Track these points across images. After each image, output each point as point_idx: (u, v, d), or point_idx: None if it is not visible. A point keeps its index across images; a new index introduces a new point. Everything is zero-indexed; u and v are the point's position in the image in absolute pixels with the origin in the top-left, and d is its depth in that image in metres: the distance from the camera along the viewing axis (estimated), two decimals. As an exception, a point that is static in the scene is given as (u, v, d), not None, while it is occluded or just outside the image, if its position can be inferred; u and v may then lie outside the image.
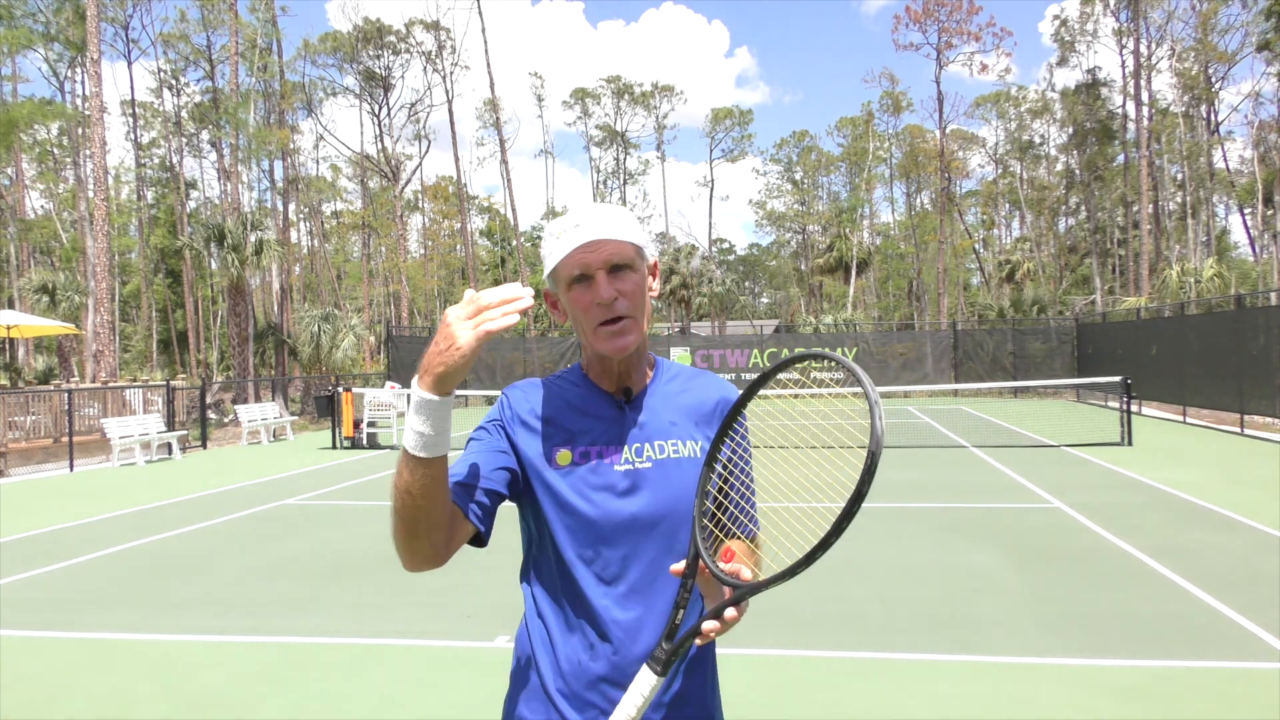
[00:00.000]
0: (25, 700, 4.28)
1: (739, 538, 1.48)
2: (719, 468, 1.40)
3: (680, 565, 1.29)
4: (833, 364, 1.21)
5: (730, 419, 1.39)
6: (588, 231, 1.36)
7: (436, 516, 1.27)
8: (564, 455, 1.42)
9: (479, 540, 1.40)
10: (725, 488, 1.45)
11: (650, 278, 1.47)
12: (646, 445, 1.44)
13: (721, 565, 1.24)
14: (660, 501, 1.41)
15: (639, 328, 1.41)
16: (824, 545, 1.10)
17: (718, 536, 1.38)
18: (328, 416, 19.30)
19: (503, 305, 1.17)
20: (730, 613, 1.21)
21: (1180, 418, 18.56)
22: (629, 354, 1.42)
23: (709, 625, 1.21)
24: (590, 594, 1.39)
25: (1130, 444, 13.82)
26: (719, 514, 1.43)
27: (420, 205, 59.08)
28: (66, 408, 15.10)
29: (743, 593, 1.20)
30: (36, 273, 35.37)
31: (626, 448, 1.43)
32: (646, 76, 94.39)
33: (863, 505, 1.07)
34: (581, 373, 1.51)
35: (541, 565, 1.45)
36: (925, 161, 54.06)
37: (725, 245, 79.25)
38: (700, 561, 1.26)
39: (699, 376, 1.57)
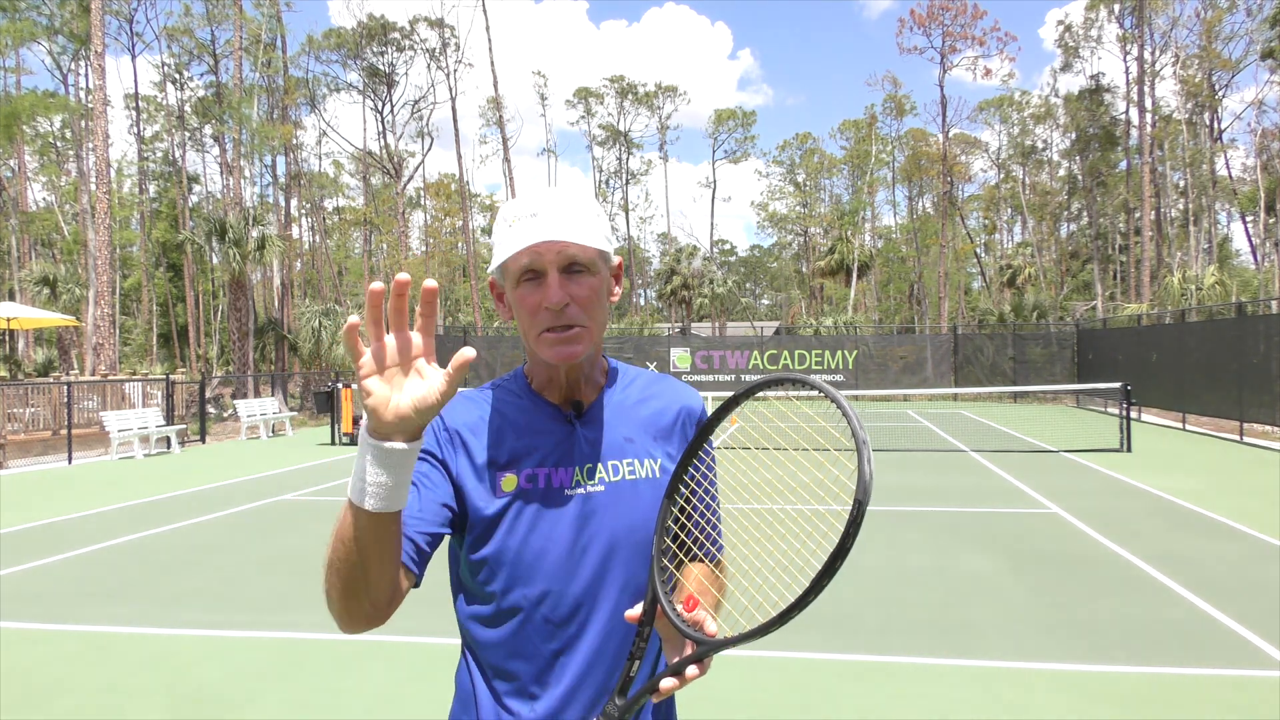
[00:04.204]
0: (22, 693, 4.27)
1: (701, 561, 1.36)
2: (681, 497, 1.23)
3: (636, 611, 1.14)
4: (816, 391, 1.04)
5: (696, 445, 1.22)
6: (545, 228, 1.18)
7: (385, 575, 1.07)
8: (508, 481, 1.25)
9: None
10: (687, 508, 1.29)
11: (613, 282, 1.30)
12: (599, 466, 1.27)
13: (683, 613, 1.10)
14: (614, 530, 1.25)
15: (590, 336, 1.24)
16: (800, 604, 0.98)
17: (679, 566, 1.25)
18: (327, 412, 19.31)
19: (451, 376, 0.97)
20: (691, 670, 1.07)
21: (1180, 425, 18.57)
22: (577, 362, 1.26)
23: (667, 683, 1.07)
24: (533, 634, 1.24)
25: (1129, 450, 13.83)
26: (675, 539, 1.27)
27: (422, 202, 59.10)
28: (66, 400, 15.08)
29: (706, 649, 1.07)
30: (37, 265, 35.39)
31: (577, 469, 1.26)
32: (649, 77, 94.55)
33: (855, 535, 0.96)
34: (525, 381, 1.34)
35: (475, 599, 1.28)
36: (928, 165, 53.98)
37: (727, 246, 79.41)
38: (659, 607, 1.13)
39: (658, 383, 1.41)
